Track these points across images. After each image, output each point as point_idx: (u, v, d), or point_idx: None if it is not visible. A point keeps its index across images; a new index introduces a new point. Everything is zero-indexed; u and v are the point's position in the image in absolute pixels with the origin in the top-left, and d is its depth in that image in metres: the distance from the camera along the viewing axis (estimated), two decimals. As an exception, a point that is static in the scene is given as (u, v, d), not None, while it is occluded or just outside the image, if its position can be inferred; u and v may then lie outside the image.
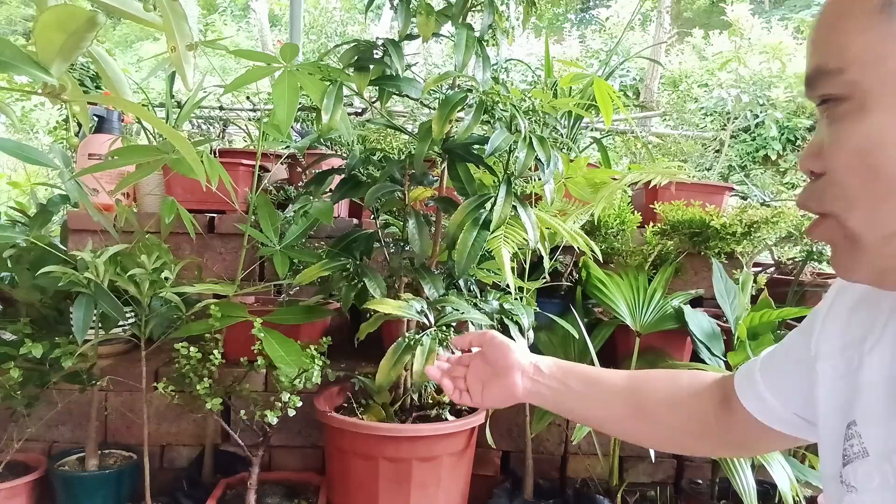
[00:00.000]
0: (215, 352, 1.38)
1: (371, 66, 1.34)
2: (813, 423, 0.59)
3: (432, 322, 1.38)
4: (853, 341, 0.53)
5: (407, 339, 1.34)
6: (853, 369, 0.52)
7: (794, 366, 0.60)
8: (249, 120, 2.62)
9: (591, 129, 2.62)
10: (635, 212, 1.91)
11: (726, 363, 1.64)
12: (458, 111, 1.28)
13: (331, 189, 1.56)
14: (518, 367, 0.77)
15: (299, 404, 1.36)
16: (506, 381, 0.78)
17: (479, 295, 1.56)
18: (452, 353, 0.92)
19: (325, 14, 9.00)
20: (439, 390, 1.41)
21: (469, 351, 0.86)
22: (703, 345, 1.68)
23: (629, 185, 1.76)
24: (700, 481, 1.81)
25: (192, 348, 1.38)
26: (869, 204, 0.42)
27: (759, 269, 2.14)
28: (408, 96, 1.39)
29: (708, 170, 4.06)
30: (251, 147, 2.22)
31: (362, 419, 1.47)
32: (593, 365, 1.61)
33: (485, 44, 1.38)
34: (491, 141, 1.23)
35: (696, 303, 1.88)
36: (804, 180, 0.49)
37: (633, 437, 0.78)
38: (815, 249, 1.91)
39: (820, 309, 0.59)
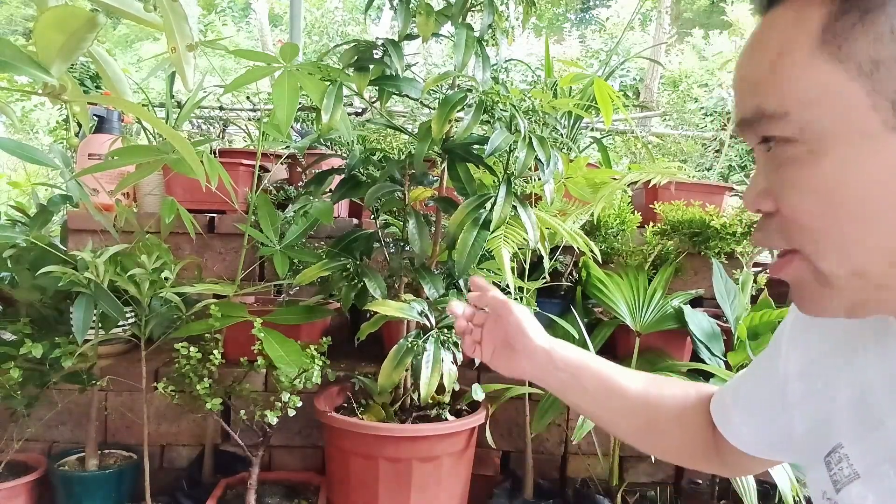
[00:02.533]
0: (215, 352, 1.38)
1: (371, 66, 1.34)
2: (783, 447, 0.59)
3: (434, 324, 1.38)
4: (813, 362, 0.53)
5: (409, 344, 1.34)
6: (818, 390, 0.52)
7: (764, 391, 0.60)
8: (249, 120, 2.62)
9: (591, 129, 2.62)
10: (635, 212, 1.91)
11: (726, 363, 1.64)
12: (458, 111, 1.28)
13: (331, 189, 1.56)
14: (527, 354, 0.72)
15: (299, 404, 1.36)
16: (513, 359, 0.75)
17: (479, 295, 1.56)
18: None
19: (326, 14, 9.01)
20: (440, 390, 1.41)
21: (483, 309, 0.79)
22: (703, 345, 1.68)
23: (629, 185, 1.76)
24: (700, 481, 1.81)
25: (192, 348, 1.38)
26: (837, 244, 0.41)
27: (759, 269, 2.14)
28: (408, 96, 1.39)
29: (708, 170, 4.06)
30: (251, 147, 2.22)
31: (362, 419, 1.47)
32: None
33: (484, 44, 1.38)
34: (491, 141, 1.23)
35: (696, 303, 1.88)
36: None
37: (639, 446, 0.75)
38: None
39: (782, 331, 0.59)
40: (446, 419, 1.48)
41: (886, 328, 0.47)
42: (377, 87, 1.39)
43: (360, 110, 2.82)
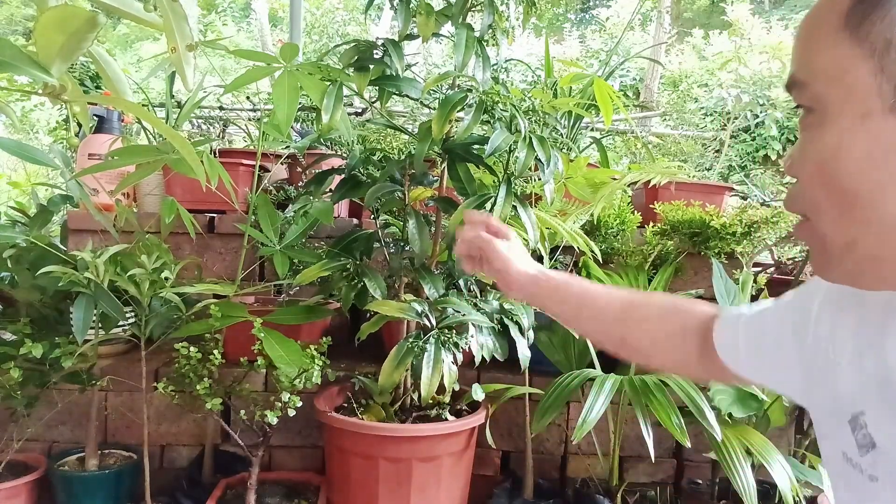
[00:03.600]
0: (215, 352, 1.38)
1: (371, 66, 1.34)
2: (792, 389, 0.61)
3: (434, 324, 1.38)
4: (845, 330, 0.53)
5: (410, 344, 1.34)
6: (850, 359, 0.52)
7: (780, 337, 0.60)
8: (249, 120, 2.62)
9: (591, 129, 2.62)
10: (635, 212, 1.91)
11: (726, 363, 1.64)
12: (458, 111, 1.28)
13: (331, 189, 1.56)
14: (515, 281, 0.83)
15: (299, 404, 1.36)
16: (502, 283, 0.85)
17: (479, 295, 1.56)
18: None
19: (327, 14, 9.01)
20: (440, 390, 1.41)
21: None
22: (703, 345, 1.67)
23: (629, 185, 1.76)
24: (700, 481, 1.81)
25: (192, 348, 1.38)
26: (832, 212, 0.44)
27: (759, 269, 2.14)
28: (408, 96, 1.39)
29: (708, 170, 4.06)
30: (251, 147, 2.22)
31: (362, 419, 1.47)
32: (594, 367, 1.62)
33: (485, 44, 1.38)
34: (491, 141, 1.23)
35: (696, 303, 1.88)
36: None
37: (616, 354, 0.82)
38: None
39: (815, 291, 0.59)
40: (446, 419, 1.48)
41: None
42: (377, 87, 1.39)
43: (360, 110, 2.82)
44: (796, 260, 2.06)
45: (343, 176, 1.52)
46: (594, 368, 1.61)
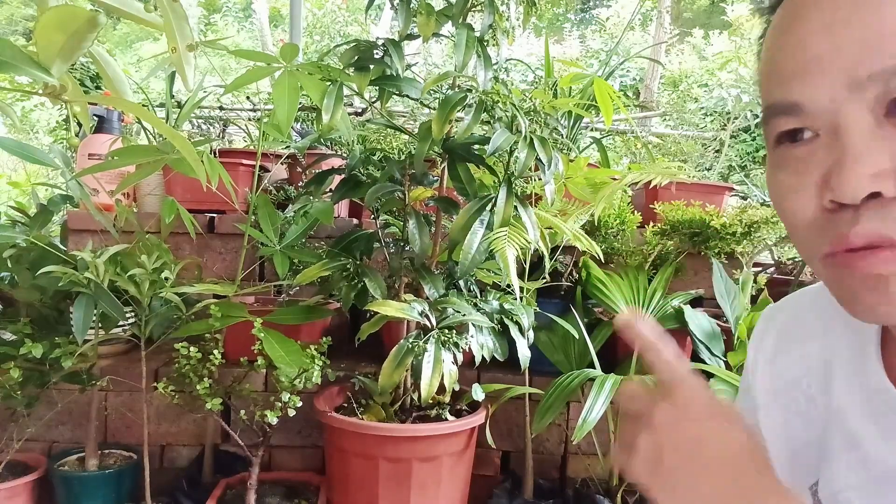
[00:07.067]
0: (215, 352, 1.38)
1: (371, 66, 1.34)
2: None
3: (434, 324, 1.38)
4: (789, 383, 0.52)
5: (410, 344, 1.34)
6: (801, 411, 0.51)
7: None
8: (249, 120, 2.62)
9: (591, 129, 2.62)
10: (635, 212, 1.91)
11: (726, 363, 1.64)
12: (458, 111, 1.28)
13: (331, 189, 1.56)
14: None
15: (299, 404, 1.36)
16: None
17: (479, 295, 1.56)
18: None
19: (328, 15, 9.01)
20: (440, 390, 1.41)
21: None
22: (704, 345, 1.67)
23: (629, 185, 1.75)
24: (700, 481, 1.80)
25: (192, 348, 1.37)
26: None
27: (759, 269, 2.14)
28: (408, 96, 1.39)
29: (708, 170, 4.05)
30: (251, 147, 2.22)
31: (362, 419, 1.47)
32: (594, 367, 1.62)
33: (485, 44, 1.38)
34: (492, 141, 1.23)
35: (696, 303, 1.88)
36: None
37: None
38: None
39: (749, 361, 0.58)
40: (446, 419, 1.48)
41: (863, 347, 0.46)
42: (377, 87, 1.39)
43: (360, 110, 2.82)
44: (796, 260, 2.06)
45: (343, 176, 1.52)
46: (594, 368, 1.61)
